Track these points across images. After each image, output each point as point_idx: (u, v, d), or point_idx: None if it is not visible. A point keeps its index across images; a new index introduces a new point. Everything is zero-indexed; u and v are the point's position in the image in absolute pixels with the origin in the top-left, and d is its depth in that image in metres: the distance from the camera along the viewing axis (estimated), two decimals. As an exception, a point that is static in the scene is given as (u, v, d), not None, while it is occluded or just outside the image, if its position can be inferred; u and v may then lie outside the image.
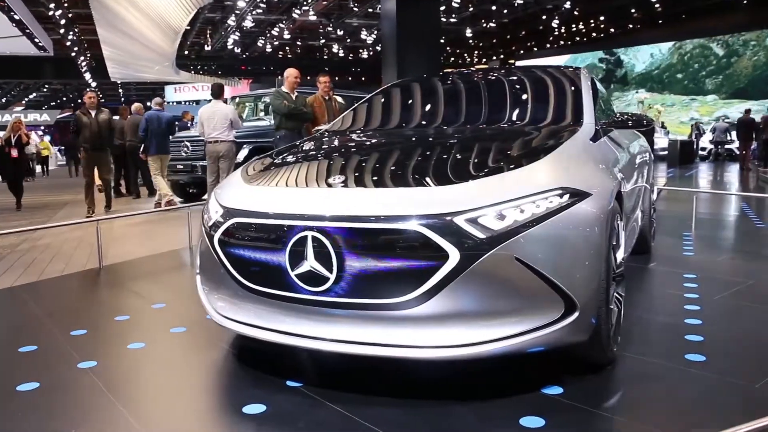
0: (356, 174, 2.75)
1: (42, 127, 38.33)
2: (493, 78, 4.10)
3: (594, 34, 27.30)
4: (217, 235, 2.75)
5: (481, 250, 2.25)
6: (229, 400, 2.63)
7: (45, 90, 41.56)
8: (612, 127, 3.48)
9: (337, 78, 33.00)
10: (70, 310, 4.19)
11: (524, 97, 3.80)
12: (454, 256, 2.24)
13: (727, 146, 21.52)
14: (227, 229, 2.70)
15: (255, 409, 2.50)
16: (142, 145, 10.45)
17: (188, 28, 29.56)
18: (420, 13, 13.49)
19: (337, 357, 2.68)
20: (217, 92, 8.68)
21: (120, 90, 43.47)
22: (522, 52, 31.93)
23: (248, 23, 28.39)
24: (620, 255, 2.92)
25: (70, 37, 27.05)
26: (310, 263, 2.41)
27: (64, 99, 46.16)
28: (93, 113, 9.34)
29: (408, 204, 2.36)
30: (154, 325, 3.71)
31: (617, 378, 2.71)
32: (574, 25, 26.55)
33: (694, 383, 2.64)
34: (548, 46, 29.51)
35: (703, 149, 22.46)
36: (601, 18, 25.34)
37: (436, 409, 2.43)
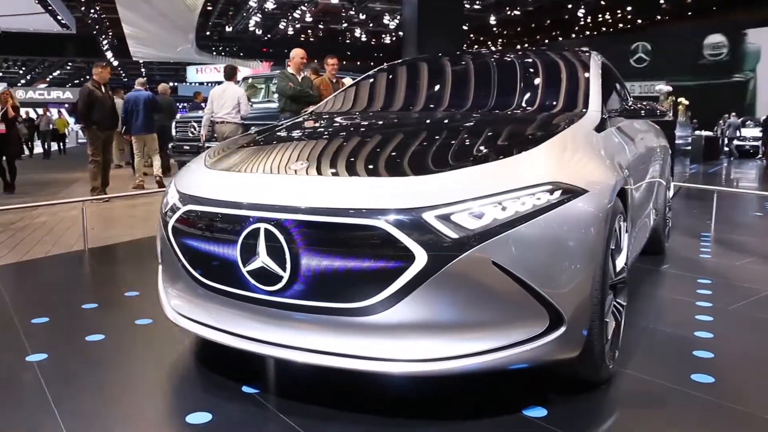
0: (320, 160, 2.45)
1: (66, 105, 38.44)
2: (494, 60, 3.76)
3: (620, 25, 26.52)
4: (171, 223, 2.48)
5: (453, 252, 1.95)
6: (174, 405, 2.38)
7: (69, 68, 41.71)
8: (622, 116, 3.14)
9: (358, 63, 32.62)
10: (38, 295, 3.97)
11: (525, 80, 3.46)
12: (421, 257, 1.94)
13: (736, 142, 20.83)
14: (180, 217, 2.44)
15: (199, 418, 2.24)
16: (124, 126, 10.02)
17: (210, 8, 29.41)
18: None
19: (300, 364, 2.40)
20: (230, 74, 8.78)
21: (142, 69, 43.52)
22: (546, 41, 31.26)
23: (270, 5, 28.13)
24: (621, 260, 2.59)
25: (91, 14, 26.99)
26: (262, 259, 2.13)
27: (87, 77, 46.37)
28: (103, 89, 8.70)
29: (370, 196, 2.07)
30: (121, 315, 3.46)
31: (611, 400, 2.40)
32: (600, 15, 25.84)
33: (697, 409, 2.32)
34: (573, 36, 28.80)
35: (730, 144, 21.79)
36: (628, 8, 24.62)
37: (399, 430, 2.15)
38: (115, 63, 35.94)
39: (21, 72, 43.31)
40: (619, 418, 2.29)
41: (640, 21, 26.16)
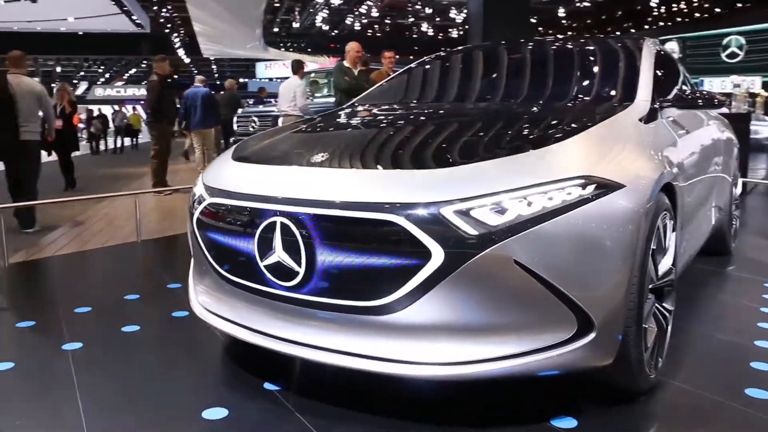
0: (341, 153, 2.36)
1: (141, 101, 39.93)
2: (539, 49, 3.58)
3: (697, 14, 25.24)
4: (195, 216, 2.46)
5: (472, 250, 1.82)
6: (194, 399, 2.34)
7: (143, 66, 43.25)
8: (676, 106, 2.91)
9: (424, 57, 32.31)
10: (87, 285, 4.08)
11: (570, 70, 3.26)
12: (438, 254, 1.83)
13: None
14: (204, 210, 2.40)
15: (215, 413, 2.20)
16: (183, 121, 10.24)
17: (278, 4, 29.87)
18: (509, -8, 12.76)
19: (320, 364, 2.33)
20: (295, 68, 8.91)
21: (213, 66, 44.71)
22: (618, 33, 30.18)
23: (336, 0, 28.29)
24: (667, 261, 2.39)
25: (163, 13, 27.88)
26: (278, 254, 2.07)
27: (175, 77, 48.03)
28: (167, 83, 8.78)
29: (385, 189, 1.96)
30: (160, 307, 3.48)
31: (650, 412, 2.22)
32: (674, 5, 24.68)
33: (747, 428, 2.11)
34: (646, 27, 27.66)
35: None
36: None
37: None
38: (187, 60, 37.06)
39: (100, 71, 45.28)
40: (658, 433, 2.12)
41: (719, 10, 24.84)
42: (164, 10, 28.02)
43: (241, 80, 32.21)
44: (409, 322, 1.93)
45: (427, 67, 3.85)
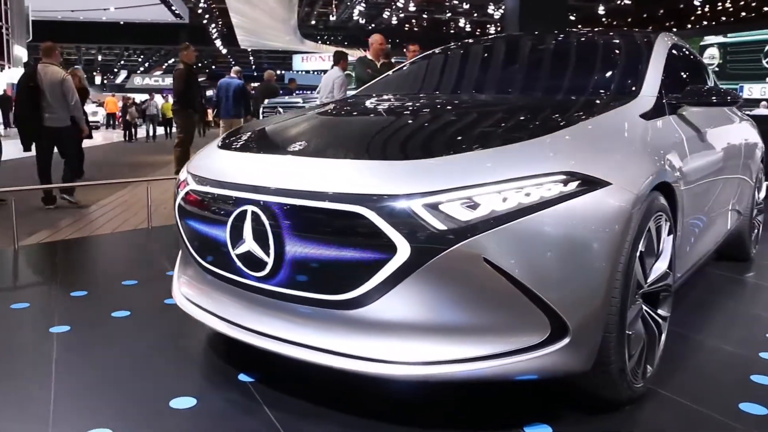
0: (318, 143, 2.30)
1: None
2: (549, 42, 3.45)
3: (743, 14, 24.46)
4: (177, 203, 2.43)
5: (439, 245, 1.74)
6: (165, 388, 2.30)
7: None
8: (686, 102, 2.76)
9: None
10: (89, 269, 4.11)
11: (574, 63, 3.13)
12: (404, 249, 1.75)
13: None
14: (185, 198, 2.37)
15: (183, 403, 2.17)
16: (216, 109, 10.51)
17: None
18: (546, -13, 12.50)
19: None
20: (337, 59, 8.67)
21: (251, 57, 45.10)
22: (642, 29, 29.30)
23: (373, -6, 28.25)
24: (661, 266, 2.27)
25: (201, 4, 28.19)
26: (249, 243, 2.02)
27: (200, 65, 48.63)
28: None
29: (353, 180, 1.89)
30: (155, 293, 3.47)
31: (632, 423, 2.10)
32: (719, 3, 23.96)
33: (735, 444, 1.99)
34: (689, 26, 26.93)
35: None
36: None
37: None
38: (224, 51, 37.44)
39: (140, 60, 46.06)
40: (636, 446, 2.00)
41: (766, 9, 24.04)
42: (202, 0, 28.31)
43: (279, 72, 32.39)
44: (377, 318, 1.86)
45: (432, 59, 3.76)
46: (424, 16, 34.91)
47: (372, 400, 2.20)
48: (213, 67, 48.82)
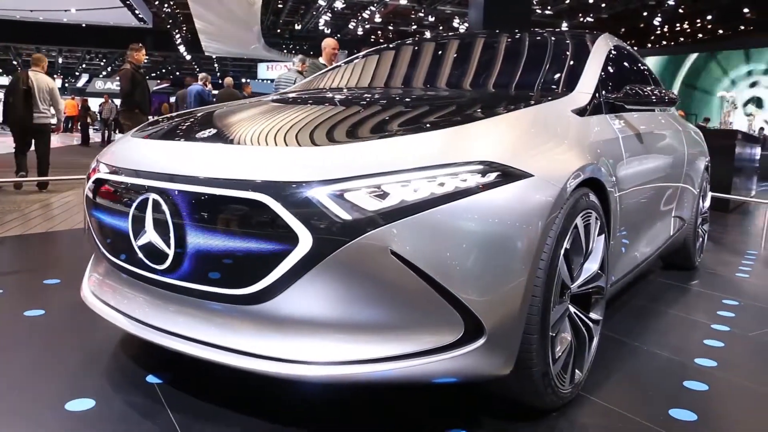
0: (226, 131, 2.17)
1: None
2: (490, 39, 3.37)
3: (700, 35, 25.07)
4: (84, 193, 2.27)
5: (343, 236, 1.61)
6: (63, 390, 2.12)
7: (145, 61, 43.12)
8: (624, 101, 2.70)
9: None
10: (10, 268, 3.88)
11: (510, 59, 3.05)
12: (306, 240, 1.62)
13: None
14: (91, 187, 2.21)
15: (80, 405, 2.01)
16: None
17: (281, 5, 29.78)
18: (509, 3, 12.57)
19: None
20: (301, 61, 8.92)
21: (216, 65, 44.61)
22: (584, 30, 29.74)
23: (339, 4, 28.16)
24: (591, 266, 2.18)
25: (165, 9, 27.78)
26: (149, 233, 1.87)
27: (163, 71, 47.94)
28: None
29: (255, 166, 1.76)
30: (76, 292, 3.27)
31: (555, 430, 2.00)
32: (678, 25, 24.50)
33: (661, 451, 1.91)
34: (649, 45, 27.48)
35: None
36: (708, 17, 23.21)
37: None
38: (188, 57, 36.95)
39: (102, 64, 45.14)
40: (558, 453, 1.90)
41: (722, 31, 24.70)
42: (166, 5, 27.86)
43: (243, 80, 32.08)
44: (282, 314, 1.72)
45: (374, 56, 3.65)
46: (390, 27, 34.95)
47: (280, 402, 2.07)
48: (177, 73, 48.13)
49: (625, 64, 3.31)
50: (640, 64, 3.68)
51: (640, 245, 3.05)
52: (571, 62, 2.78)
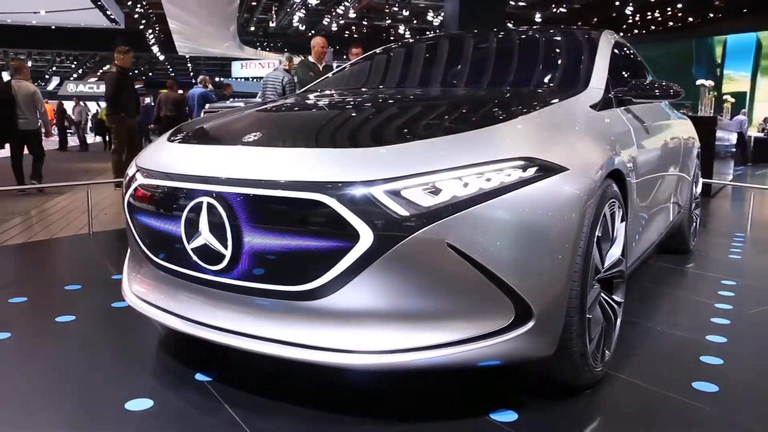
0: (275, 133, 2.26)
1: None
2: (499, 38, 3.50)
3: (671, 23, 25.52)
4: (125, 199, 2.34)
5: (402, 232, 1.72)
6: (119, 391, 2.20)
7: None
8: (632, 95, 2.84)
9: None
10: (27, 275, 3.91)
11: (524, 57, 3.19)
12: (366, 236, 1.73)
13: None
14: (134, 193, 2.28)
15: (139, 405, 2.08)
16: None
17: (254, 3, 29.61)
18: (485, -5, 12.71)
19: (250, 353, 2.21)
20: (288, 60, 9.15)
21: (189, 65, 44.21)
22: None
23: (313, 1, 28.13)
24: (615, 251, 2.32)
25: (138, 10, 27.47)
26: (204, 236, 1.96)
27: (136, 72, 47.29)
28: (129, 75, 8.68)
29: (314, 167, 1.86)
30: (100, 297, 3.33)
31: (594, 406, 2.14)
32: (649, 13, 24.91)
33: (693, 421, 2.05)
34: (621, 34, 27.86)
35: None
36: (679, 6, 23.64)
37: (345, 429, 1.94)
38: (162, 57, 36.58)
39: (73, 66, 44.48)
40: (599, 427, 2.03)
41: (691, 19, 25.15)
42: (139, 6, 27.55)
43: (218, 79, 31.87)
44: (339, 308, 1.82)
45: (388, 55, 3.75)
46: (365, 22, 34.96)
47: (333, 392, 2.17)
48: (150, 74, 47.62)
49: (624, 58, 3.46)
50: (636, 57, 3.83)
51: (649, 231, 3.21)
52: (582, 59, 2.91)
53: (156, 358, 2.54)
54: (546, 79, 2.86)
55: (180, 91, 13.70)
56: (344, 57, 10.10)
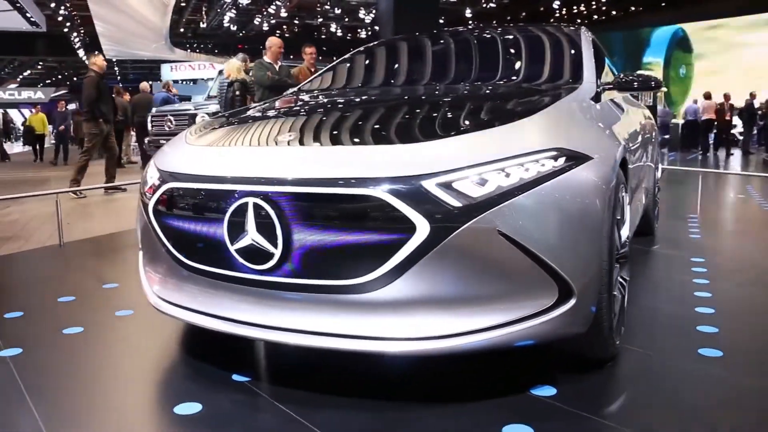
0: (311, 131, 2.32)
1: (37, 105, 37.60)
2: (487, 35, 3.65)
3: (595, 17, 26.57)
4: (151, 204, 2.33)
5: (456, 222, 1.82)
6: (161, 397, 2.23)
7: (39, 67, 40.78)
8: (615, 88, 3.03)
9: (334, 58, 32.16)
10: (11, 290, 3.79)
11: (519, 54, 3.36)
12: (423, 228, 1.82)
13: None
14: (162, 196, 2.29)
15: (188, 408, 2.09)
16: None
17: (183, 4, 28.95)
18: (417, -9, 12.90)
19: (294, 348, 2.26)
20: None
21: (116, 68, 42.77)
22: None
23: (244, 0, 27.77)
24: (625, 232, 2.50)
25: (62, 12, 26.40)
26: (252, 236, 1.99)
27: (59, 77, 45.43)
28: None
29: (367, 164, 1.94)
30: (100, 307, 3.29)
31: (619, 377, 2.30)
32: (575, 7, 25.85)
33: (712, 384, 2.24)
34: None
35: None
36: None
37: (402, 414, 2.03)
38: (87, 61, 35.23)
39: (-11, 72, 42.34)
40: (631, 395, 2.19)
41: (614, 12, 26.26)
42: (62, 7, 26.47)
43: (149, 82, 31.03)
44: (389, 299, 1.90)
45: (372, 53, 3.83)
46: (296, 21, 34.73)
47: (374, 382, 2.25)
48: (75, 78, 45.77)
49: (598, 52, 3.66)
50: (602, 51, 4.05)
51: (635, 215, 3.42)
52: (573, 56, 3.08)
53: (184, 363, 2.54)
54: (547, 76, 3.00)
55: (127, 96, 13.48)
56: (291, 57, 10.07)
